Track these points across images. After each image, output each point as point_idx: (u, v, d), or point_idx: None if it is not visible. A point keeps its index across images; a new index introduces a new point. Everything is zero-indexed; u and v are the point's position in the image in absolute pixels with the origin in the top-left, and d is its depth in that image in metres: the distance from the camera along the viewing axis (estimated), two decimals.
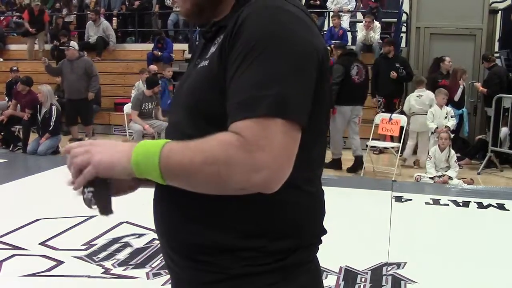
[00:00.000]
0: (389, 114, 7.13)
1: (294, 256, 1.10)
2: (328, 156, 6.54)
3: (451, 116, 7.17)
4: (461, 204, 5.43)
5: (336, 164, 6.91)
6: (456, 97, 7.54)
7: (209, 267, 1.09)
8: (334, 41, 9.13)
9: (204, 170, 0.96)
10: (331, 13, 10.61)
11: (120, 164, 1.02)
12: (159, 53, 10.48)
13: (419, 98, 7.34)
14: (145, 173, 1.01)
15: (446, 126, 6.98)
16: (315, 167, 1.16)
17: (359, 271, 3.55)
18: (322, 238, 1.20)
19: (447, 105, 7.31)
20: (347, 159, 7.10)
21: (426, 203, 5.44)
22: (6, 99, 9.56)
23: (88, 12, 12.09)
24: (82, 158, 1.04)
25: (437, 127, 6.93)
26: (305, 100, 1.01)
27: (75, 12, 12.80)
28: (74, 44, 8.28)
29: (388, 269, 3.60)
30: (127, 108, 8.11)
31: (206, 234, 1.08)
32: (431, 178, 6.42)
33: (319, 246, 1.19)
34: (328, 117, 1.19)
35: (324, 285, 1.26)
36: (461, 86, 7.56)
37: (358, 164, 6.88)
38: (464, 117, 7.69)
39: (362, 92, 6.97)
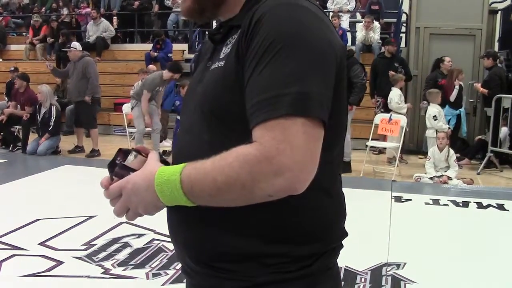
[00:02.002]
0: (389, 114, 7.13)
1: (320, 261, 1.09)
2: None
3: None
4: (460, 204, 5.43)
5: (346, 166, 6.83)
6: (452, 97, 7.52)
7: (232, 274, 1.06)
8: None
9: (229, 188, 0.96)
10: (331, 13, 10.62)
11: (158, 208, 1.07)
12: (155, 53, 10.49)
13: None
14: (175, 203, 1.03)
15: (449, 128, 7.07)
16: (336, 167, 1.14)
17: (358, 271, 3.55)
18: None
19: (444, 105, 7.33)
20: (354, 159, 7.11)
21: (426, 203, 5.44)
22: (6, 99, 9.56)
23: (82, 12, 12.18)
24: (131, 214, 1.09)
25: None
26: (326, 97, 0.98)
27: (73, 13, 12.81)
28: (75, 44, 8.13)
29: (388, 270, 3.60)
30: (127, 108, 8.09)
31: (228, 242, 1.05)
32: (431, 178, 6.42)
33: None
34: (346, 115, 1.17)
35: None
36: (456, 87, 7.55)
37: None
38: (461, 118, 7.68)
39: None
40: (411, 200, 5.57)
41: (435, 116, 7.03)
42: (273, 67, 0.95)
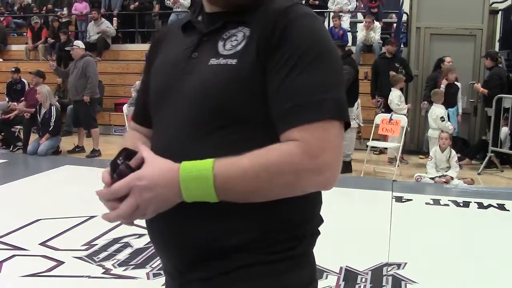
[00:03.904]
0: (389, 114, 7.13)
1: (302, 246, 1.12)
2: None
3: None
4: (461, 204, 5.43)
5: (347, 166, 6.78)
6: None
7: (217, 262, 1.08)
8: (334, 41, 9.13)
9: (271, 185, 0.99)
10: (332, 13, 10.62)
11: (172, 205, 1.03)
12: None
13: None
14: (197, 199, 1.00)
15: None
16: None
17: (359, 271, 3.55)
18: (321, 238, 1.20)
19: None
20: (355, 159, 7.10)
21: (427, 203, 5.44)
22: (7, 99, 9.56)
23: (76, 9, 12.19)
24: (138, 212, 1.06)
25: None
26: (346, 103, 1.08)
27: (72, 13, 12.79)
28: (78, 43, 8.12)
29: (389, 270, 3.60)
30: (127, 108, 8.09)
31: (213, 228, 1.06)
32: (431, 178, 6.42)
33: (318, 246, 1.20)
34: None
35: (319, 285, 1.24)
36: (442, 86, 7.55)
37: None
38: (450, 116, 7.62)
39: None
40: (411, 200, 5.56)
41: (442, 117, 7.02)
42: (311, 73, 1.02)
